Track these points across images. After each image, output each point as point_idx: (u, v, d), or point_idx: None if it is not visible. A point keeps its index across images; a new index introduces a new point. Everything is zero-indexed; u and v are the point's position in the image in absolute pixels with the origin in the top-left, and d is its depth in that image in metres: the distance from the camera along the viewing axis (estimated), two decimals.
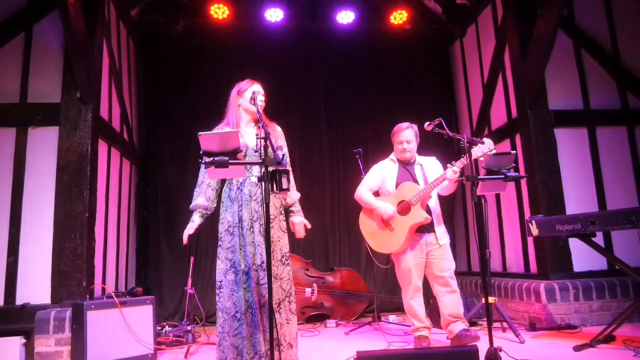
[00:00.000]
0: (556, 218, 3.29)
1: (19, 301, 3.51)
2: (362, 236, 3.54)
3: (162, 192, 5.09)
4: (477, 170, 2.80)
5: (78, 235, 3.58)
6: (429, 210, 3.32)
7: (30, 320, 3.36)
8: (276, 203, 2.74)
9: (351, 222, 5.07)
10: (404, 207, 3.27)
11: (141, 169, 5.17)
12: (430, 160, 3.51)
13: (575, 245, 3.91)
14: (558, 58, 4.30)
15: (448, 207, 5.30)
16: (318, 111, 5.50)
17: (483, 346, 2.46)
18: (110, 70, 4.36)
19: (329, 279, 4.81)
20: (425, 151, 3.61)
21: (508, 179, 2.70)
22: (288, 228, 2.82)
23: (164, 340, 3.76)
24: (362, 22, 5.44)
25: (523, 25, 4.24)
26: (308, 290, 4.68)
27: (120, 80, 4.64)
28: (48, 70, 3.82)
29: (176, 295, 4.82)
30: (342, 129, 5.53)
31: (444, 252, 3.30)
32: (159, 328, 3.94)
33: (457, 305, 3.28)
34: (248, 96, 2.75)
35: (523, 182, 4.33)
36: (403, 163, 3.47)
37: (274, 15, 5.18)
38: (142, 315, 3.30)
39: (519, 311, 4.16)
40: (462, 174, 3.00)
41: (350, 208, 4.90)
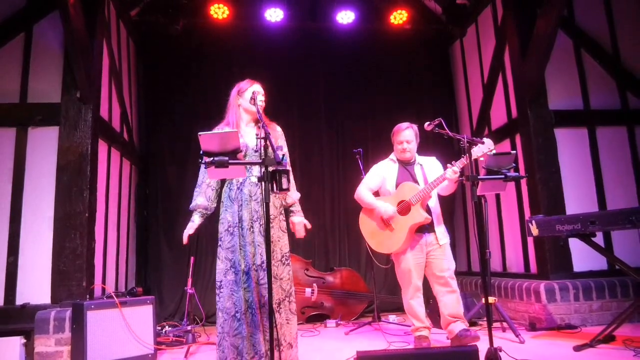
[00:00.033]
0: (556, 218, 3.29)
1: (19, 301, 3.51)
2: (362, 236, 3.54)
3: (162, 192, 5.09)
4: (477, 170, 2.80)
5: (78, 235, 3.58)
6: (429, 210, 3.32)
7: (30, 320, 3.36)
8: (276, 203, 2.74)
9: (351, 222, 5.07)
10: (404, 207, 3.27)
11: (141, 169, 5.16)
12: (430, 160, 3.51)
13: (575, 245, 3.91)
14: (558, 58, 4.30)
15: (448, 207, 5.29)
16: (318, 111, 5.50)
17: (483, 346, 2.46)
18: (110, 70, 4.36)
19: (329, 279, 4.81)
20: (425, 151, 3.61)
21: (508, 179, 2.70)
22: (288, 228, 2.82)
23: (164, 340, 3.76)
24: (362, 22, 5.44)
25: (523, 25, 4.24)
26: (308, 290, 4.68)
27: (120, 80, 4.64)
28: (48, 70, 3.82)
29: (176, 295, 4.82)
30: (342, 129, 5.52)
31: (444, 252, 3.30)
32: (159, 328, 3.94)
33: (457, 305, 3.28)
34: (248, 96, 2.74)
35: (523, 182, 4.33)
36: (403, 163, 3.47)
37: (274, 15, 5.18)
38: (142, 315, 3.30)
39: (519, 311, 4.16)
40: (462, 174, 3.00)
41: (350, 208, 4.91)
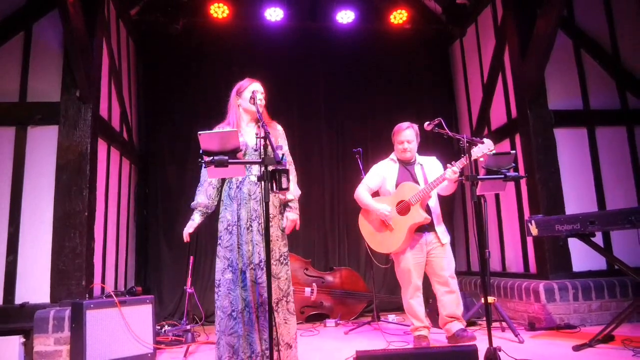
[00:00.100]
0: (555, 218, 3.29)
1: (18, 300, 3.51)
2: (362, 236, 3.54)
3: (162, 192, 5.09)
4: (477, 170, 2.80)
5: (77, 234, 3.58)
6: (429, 210, 3.32)
7: (29, 319, 3.35)
8: (275, 202, 2.74)
9: (351, 222, 5.07)
10: (404, 207, 3.27)
11: (141, 168, 5.16)
12: (430, 160, 3.51)
13: (574, 245, 3.91)
14: (558, 58, 4.30)
15: (447, 207, 5.29)
16: (318, 111, 5.50)
17: (482, 346, 2.46)
18: (109, 69, 4.36)
19: (329, 279, 4.81)
20: (425, 151, 3.61)
21: (507, 179, 2.70)
22: None
23: (163, 339, 3.76)
24: (362, 22, 5.44)
25: (523, 25, 4.23)
26: (307, 289, 4.68)
27: (119, 79, 4.64)
28: (47, 69, 3.81)
29: (175, 294, 4.82)
30: (342, 129, 5.52)
31: (445, 251, 3.31)
32: (159, 327, 3.94)
33: (456, 305, 3.28)
34: (247, 96, 2.73)
35: (523, 182, 4.33)
36: (403, 163, 3.47)
37: (274, 14, 5.18)
38: (142, 314, 3.30)
39: (518, 311, 4.16)
40: (462, 174, 3.00)
41: (349, 208, 4.90)
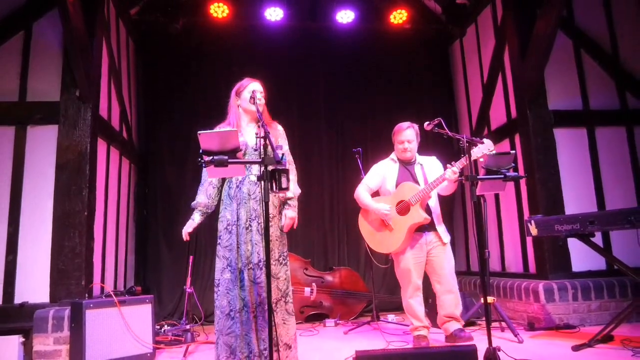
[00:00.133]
0: (555, 218, 3.29)
1: (18, 300, 3.50)
2: (361, 236, 3.54)
3: (162, 191, 5.08)
4: (477, 170, 2.80)
5: (77, 234, 3.57)
6: (429, 210, 3.32)
7: (28, 319, 3.35)
8: (275, 202, 2.74)
9: (350, 222, 5.07)
10: (403, 207, 3.27)
11: (140, 168, 5.16)
12: (430, 160, 3.51)
13: (574, 245, 3.91)
14: (557, 58, 4.30)
15: (447, 207, 5.29)
16: (318, 111, 5.49)
17: (482, 346, 2.46)
18: (109, 69, 4.36)
19: (328, 279, 4.81)
20: (425, 151, 3.61)
21: (507, 179, 2.70)
22: None
23: (163, 339, 3.77)
24: (362, 22, 5.44)
25: (523, 25, 4.24)
26: (307, 289, 4.68)
27: (119, 79, 4.64)
28: (47, 68, 3.81)
29: (175, 294, 4.82)
30: (342, 129, 5.52)
31: (445, 251, 3.31)
32: (158, 327, 3.94)
33: (455, 305, 3.29)
34: (246, 96, 2.72)
35: (522, 182, 4.33)
36: (403, 163, 3.47)
37: (274, 14, 5.18)
38: (141, 314, 3.30)
39: (518, 311, 4.17)
40: (462, 174, 3.00)
41: (349, 208, 4.90)
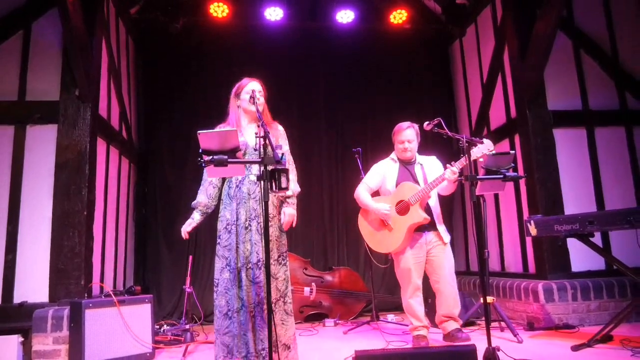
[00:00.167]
0: (554, 218, 3.29)
1: (17, 299, 3.50)
2: (361, 236, 3.54)
3: (161, 191, 5.08)
4: (476, 170, 2.80)
5: (76, 233, 3.57)
6: (429, 209, 3.32)
7: (28, 318, 3.35)
8: (275, 202, 2.74)
9: (350, 222, 5.07)
10: (403, 207, 3.27)
11: (140, 167, 5.15)
12: (430, 159, 3.52)
13: (573, 245, 3.91)
14: (557, 59, 4.31)
15: (447, 207, 5.29)
16: (318, 111, 5.49)
17: (481, 346, 2.46)
18: (109, 68, 4.35)
19: (328, 278, 4.81)
20: (425, 151, 3.61)
21: (507, 179, 2.70)
22: None
23: (162, 339, 3.76)
24: (362, 22, 5.44)
25: (522, 25, 4.24)
26: (307, 289, 4.68)
27: (119, 78, 4.63)
28: (47, 68, 3.81)
29: (174, 294, 4.82)
30: (342, 129, 5.52)
31: (445, 251, 3.32)
32: (157, 327, 3.94)
33: (453, 305, 3.29)
34: (246, 96, 2.72)
35: (522, 182, 4.33)
36: (403, 162, 3.47)
37: (274, 14, 5.18)
38: (141, 314, 3.30)
39: (517, 311, 4.17)
40: (461, 174, 3.01)
41: (349, 208, 4.91)
